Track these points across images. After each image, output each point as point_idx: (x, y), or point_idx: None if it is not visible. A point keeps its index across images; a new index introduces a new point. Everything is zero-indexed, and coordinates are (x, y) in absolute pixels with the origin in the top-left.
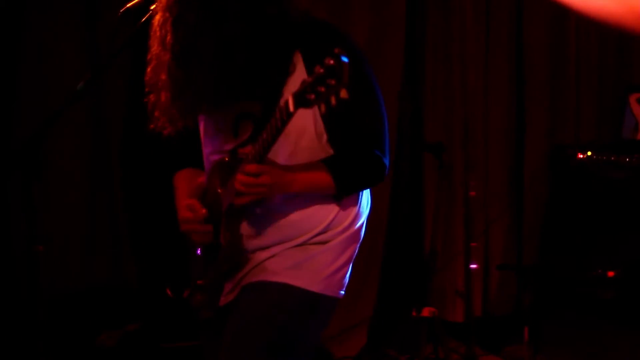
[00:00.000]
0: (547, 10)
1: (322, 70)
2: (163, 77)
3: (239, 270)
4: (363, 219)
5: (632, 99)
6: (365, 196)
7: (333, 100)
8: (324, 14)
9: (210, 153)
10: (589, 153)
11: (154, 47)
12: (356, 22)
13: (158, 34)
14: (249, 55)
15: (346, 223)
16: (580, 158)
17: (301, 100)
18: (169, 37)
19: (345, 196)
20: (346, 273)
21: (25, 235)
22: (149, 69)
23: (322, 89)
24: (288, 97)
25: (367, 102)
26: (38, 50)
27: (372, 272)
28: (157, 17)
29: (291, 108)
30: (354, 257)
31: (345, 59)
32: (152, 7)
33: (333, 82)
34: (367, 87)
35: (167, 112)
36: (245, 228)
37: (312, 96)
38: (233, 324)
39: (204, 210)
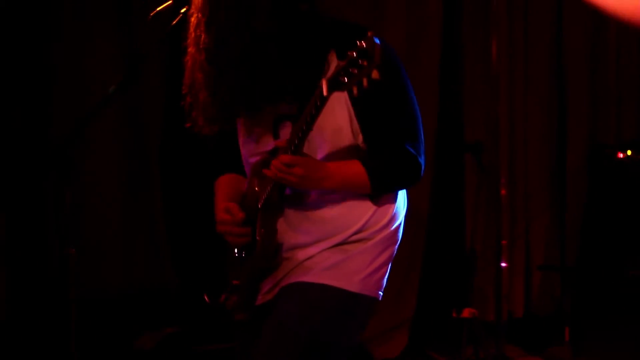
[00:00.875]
0: (587, 10)
1: (354, 54)
2: (199, 77)
3: (275, 270)
4: (400, 219)
5: None
6: (402, 197)
7: (365, 82)
8: (361, 14)
9: (250, 156)
10: (629, 152)
11: (190, 48)
12: (393, 21)
13: (193, 35)
14: (282, 53)
15: (384, 222)
16: (621, 157)
17: (334, 83)
18: (203, 37)
19: (381, 195)
20: (385, 273)
21: (59, 238)
22: (186, 70)
23: (355, 71)
24: (322, 81)
25: (400, 100)
26: (72, 52)
27: (413, 273)
28: (192, 19)
29: (325, 92)
30: (393, 257)
31: (377, 40)
32: (182, 10)
33: (365, 62)
34: (400, 87)
35: (205, 111)
36: (281, 224)
37: (345, 79)
38: (270, 325)
39: (242, 214)
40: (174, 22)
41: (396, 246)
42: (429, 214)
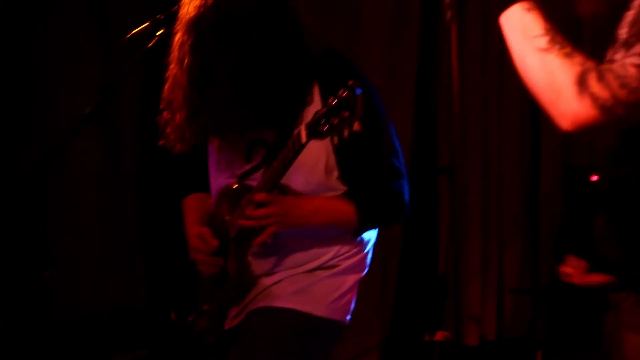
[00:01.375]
0: (561, 30)
1: (335, 102)
2: (179, 96)
3: (245, 296)
4: (369, 246)
5: None
6: None
7: (346, 133)
8: (338, 42)
9: (220, 177)
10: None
11: (172, 66)
12: (369, 42)
13: (176, 54)
14: (267, 83)
15: (353, 250)
16: (594, 180)
17: (314, 131)
18: (187, 60)
19: (363, 233)
20: (352, 298)
21: (32, 262)
22: (166, 87)
23: (335, 121)
24: (301, 127)
25: (382, 140)
26: (50, 71)
27: (386, 295)
28: (177, 37)
29: (303, 139)
30: (359, 282)
31: (359, 91)
32: (158, 33)
33: (346, 114)
34: (379, 122)
35: (181, 131)
36: (252, 255)
37: (325, 127)
38: (238, 349)
39: (215, 242)
40: (150, 44)
41: (364, 272)
42: (403, 237)
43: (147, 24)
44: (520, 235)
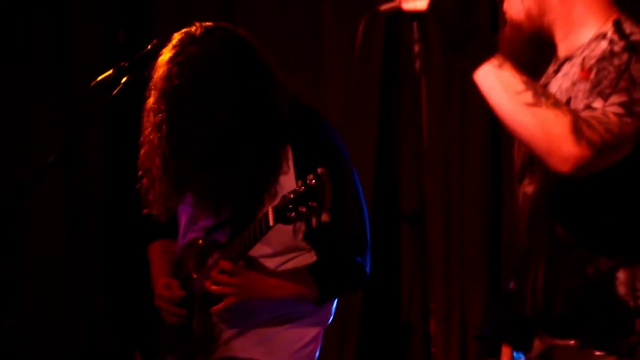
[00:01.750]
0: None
1: (302, 189)
2: (159, 165)
3: (211, 352)
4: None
5: None
6: None
7: (314, 222)
8: (298, 86)
9: (188, 227)
10: None
11: (148, 132)
12: (333, 87)
13: (151, 120)
14: (248, 151)
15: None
16: None
17: (281, 216)
18: (165, 128)
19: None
20: (316, 348)
21: None
22: (142, 152)
23: (303, 209)
24: (269, 210)
25: (351, 209)
26: (10, 116)
27: (348, 347)
28: (151, 102)
29: (270, 222)
30: (322, 332)
31: (326, 181)
32: (123, 80)
33: (315, 204)
34: (350, 194)
35: (163, 199)
36: (216, 315)
37: (293, 214)
38: None
39: (180, 293)
40: (115, 92)
41: (328, 322)
42: (364, 289)
43: (111, 71)
44: (483, 280)
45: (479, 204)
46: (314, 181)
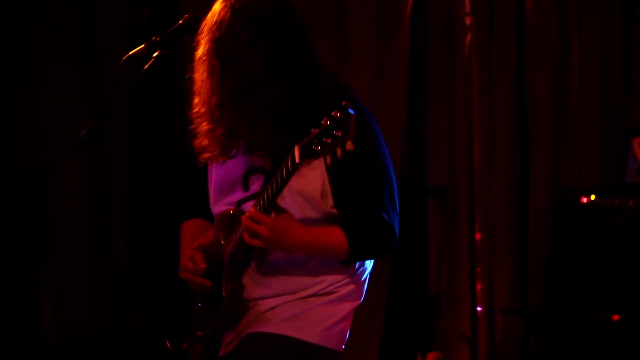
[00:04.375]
0: (550, 56)
1: (328, 123)
2: (213, 105)
3: (239, 322)
4: (366, 274)
5: (635, 142)
6: None
7: (339, 152)
8: (327, 58)
9: (218, 203)
10: (592, 197)
11: (201, 79)
12: (359, 63)
13: (206, 64)
14: (295, 103)
15: (350, 277)
16: (584, 202)
17: (307, 151)
18: (219, 73)
19: (352, 262)
20: (347, 327)
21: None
22: (195, 100)
23: (329, 140)
24: (295, 148)
25: (376, 169)
26: (34, 96)
27: (376, 320)
28: (202, 50)
29: (297, 159)
30: (354, 310)
31: (352, 111)
32: (154, 54)
33: (339, 133)
34: (376, 154)
35: (217, 141)
36: (247, 279)
37: (318, 147)
38: None
39: (204, 265)
40: (146, 67)
41: (360, 300)
42: (392, 259)
43: (143, 45)
44: (511, 257)
45: (507, 182)
46: (338, 114)
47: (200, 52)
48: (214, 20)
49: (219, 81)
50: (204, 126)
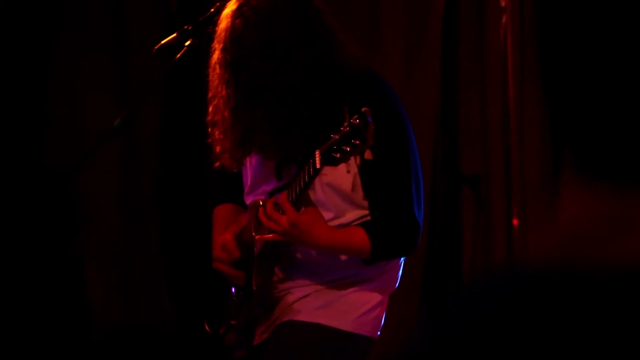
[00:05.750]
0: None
1: (347, 129)
2: (229, 118)
3: (272, 311)
4: (400, 261)
5: None
6: None
7: (357, 160)
8: (355, 40)
9: (252, 191)
10: None
11: (215, 84)
12: (389, 45)
13: (219, 73)
14: (312, 104)
15: (383, 265)
16: None
17: (327, 157)
18: (233, 81)
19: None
20: (382, 314)
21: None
22: (210, 107)
23: (347, 148)
24: (316, 152)
25: (396, 165)
26: (66, 86)
27: (411, 307)
28: (216, 56)
29: (317, 164)
30: (389, 294)
31: (370, 119)
32: (186, 43)
33: (357, 142)
34: (396, 150)
35: (234, 151)
36: (277, 270)
37: (338, 155)
38: None
39: (237, 254)
40: (179, 55)
41: (395, 286)
42: (426, 247)
43: (175, 35)
44: None
45: (540, 168)
46: (357, 120)
47: (213, 59)
48: (223, 26)
49: (230, 89)
50: (217, 135)
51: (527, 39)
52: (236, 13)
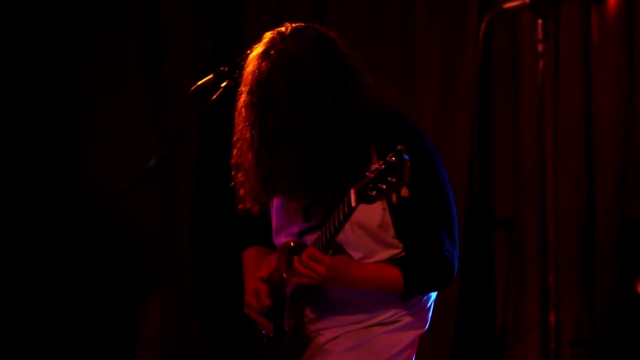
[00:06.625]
0: (615, 75)
1: (383, 167)
2: (253, 161)
3: (302, 353)
4: (431, 300)
5: None
6: None
7: (394, 198)
8: (391, 90)
9: (280, 234)
10: None
11: (240, 127)
12: (423, 94)
13: (245, 116)
14: (339, 148)
15: (414, 305)
16: None
17: (363, 195)
18: (259, 124)
19: (410, 298)
20: (412, 355)
21: None
22: (235, 150)
23: (383, 186)
24: (351, 191)
25: (438, 202)
26: (105, 126)
27: (442, 353)
28: (243, 99)
29: (353, 203)
30: (418, 339)
31: (406, 157)
32: (223, 85)
33: (394, 179)
34: (431, 189)
35: (256, 194)
36: (308, 311)
37: (374, 192)
38: None
39: (268, 302)
40: (215, 97)
41: (425, 328)
42: (459, 291)
43: (211, 76)
44: (576, 287)
45: (573, 207)
46: (393, 158)
47: (240, 102)
48: (250, 69)
49: (254, 131)
50: (240, 177)
51: (562, 83)
52: (263, 56)
